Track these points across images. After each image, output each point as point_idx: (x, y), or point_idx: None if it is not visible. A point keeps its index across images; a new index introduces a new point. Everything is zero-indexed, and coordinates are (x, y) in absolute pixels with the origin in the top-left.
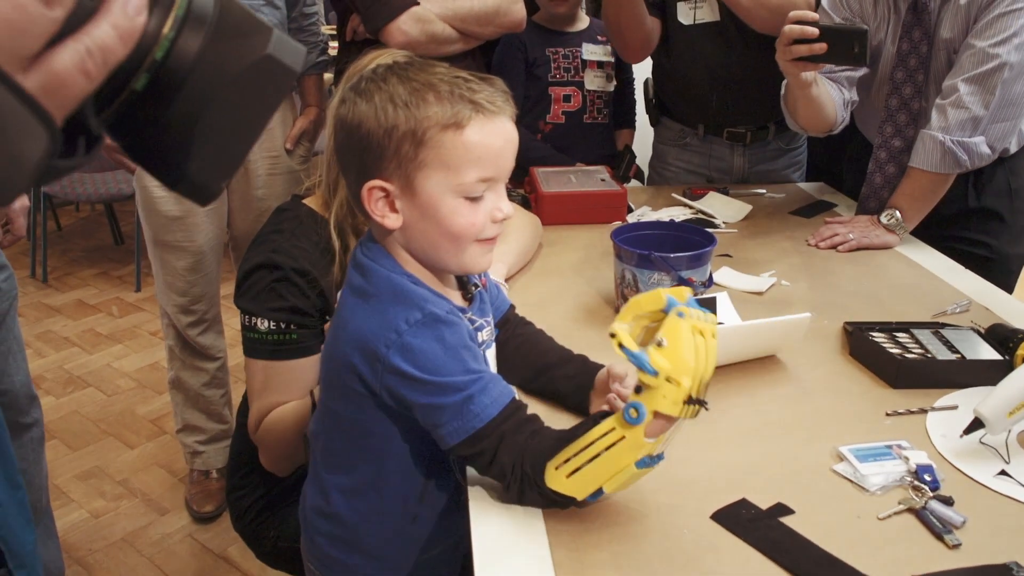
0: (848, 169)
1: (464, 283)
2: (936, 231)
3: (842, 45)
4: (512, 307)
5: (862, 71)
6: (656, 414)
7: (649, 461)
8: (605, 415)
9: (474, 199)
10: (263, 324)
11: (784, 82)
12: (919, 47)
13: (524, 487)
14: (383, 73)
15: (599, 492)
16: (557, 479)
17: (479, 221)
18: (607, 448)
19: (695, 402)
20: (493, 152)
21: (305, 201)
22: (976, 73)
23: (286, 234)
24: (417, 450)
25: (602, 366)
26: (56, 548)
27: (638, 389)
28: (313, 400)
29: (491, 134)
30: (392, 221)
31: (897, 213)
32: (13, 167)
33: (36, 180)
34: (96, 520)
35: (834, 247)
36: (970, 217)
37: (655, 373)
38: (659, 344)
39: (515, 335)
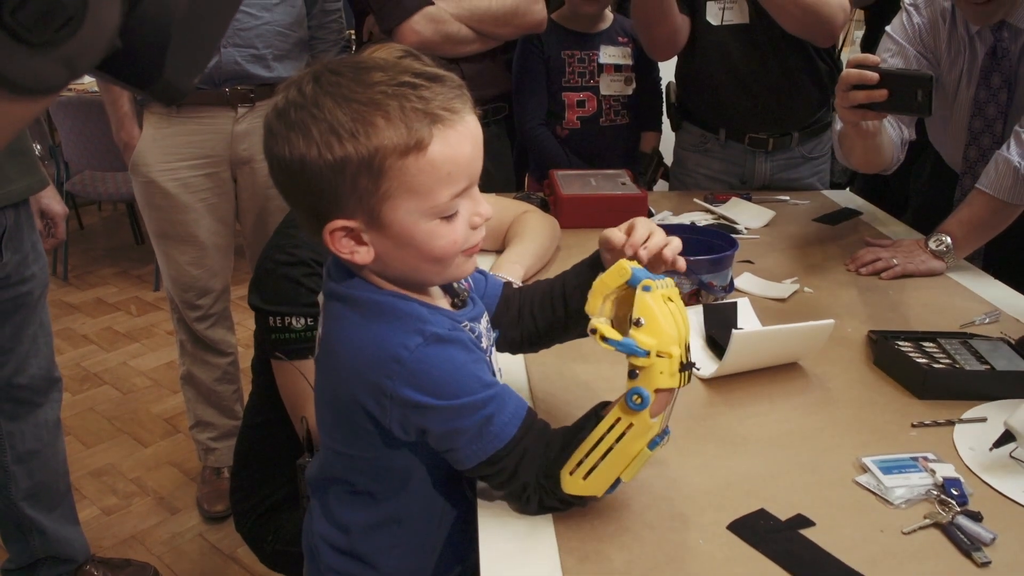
0: (915, 189)
1: (453, 291)
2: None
3: (904, 92)
4: (507, 284)
5: None
6: (657, 391)
7: (659, 439)
8: (605, 404)
9: (450, 216)
10: (299, 322)
11: (839, 122)
12: (998, 95)
13: (543, 497)
14: (312, 95)
15: (616, 483)
16: (574, 484)
17: (459, 237)
18: (617, 439)
19: (686, 367)
20: (463, 163)
21: None
22: None
23: (305, 228)
24: (435, 476)
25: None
26: (79, 532)
27: (632, 375)
28: (308, 431)
29: (457, 144)
30: (363, 256)
31: (947, 239)
32: (101, 29)
33: (106, 49)
34: (107, 517)
35: (876, 273)
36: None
37: (646, 354)
38: (638, 324)
39: (520, 300)
